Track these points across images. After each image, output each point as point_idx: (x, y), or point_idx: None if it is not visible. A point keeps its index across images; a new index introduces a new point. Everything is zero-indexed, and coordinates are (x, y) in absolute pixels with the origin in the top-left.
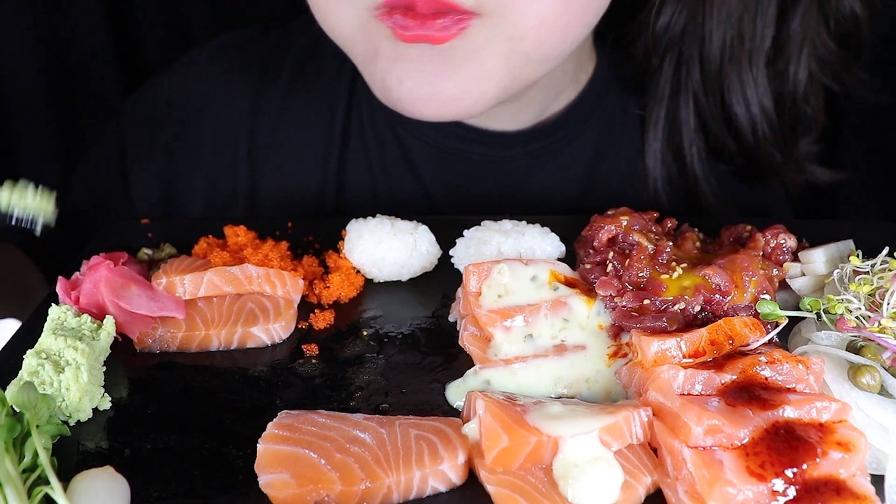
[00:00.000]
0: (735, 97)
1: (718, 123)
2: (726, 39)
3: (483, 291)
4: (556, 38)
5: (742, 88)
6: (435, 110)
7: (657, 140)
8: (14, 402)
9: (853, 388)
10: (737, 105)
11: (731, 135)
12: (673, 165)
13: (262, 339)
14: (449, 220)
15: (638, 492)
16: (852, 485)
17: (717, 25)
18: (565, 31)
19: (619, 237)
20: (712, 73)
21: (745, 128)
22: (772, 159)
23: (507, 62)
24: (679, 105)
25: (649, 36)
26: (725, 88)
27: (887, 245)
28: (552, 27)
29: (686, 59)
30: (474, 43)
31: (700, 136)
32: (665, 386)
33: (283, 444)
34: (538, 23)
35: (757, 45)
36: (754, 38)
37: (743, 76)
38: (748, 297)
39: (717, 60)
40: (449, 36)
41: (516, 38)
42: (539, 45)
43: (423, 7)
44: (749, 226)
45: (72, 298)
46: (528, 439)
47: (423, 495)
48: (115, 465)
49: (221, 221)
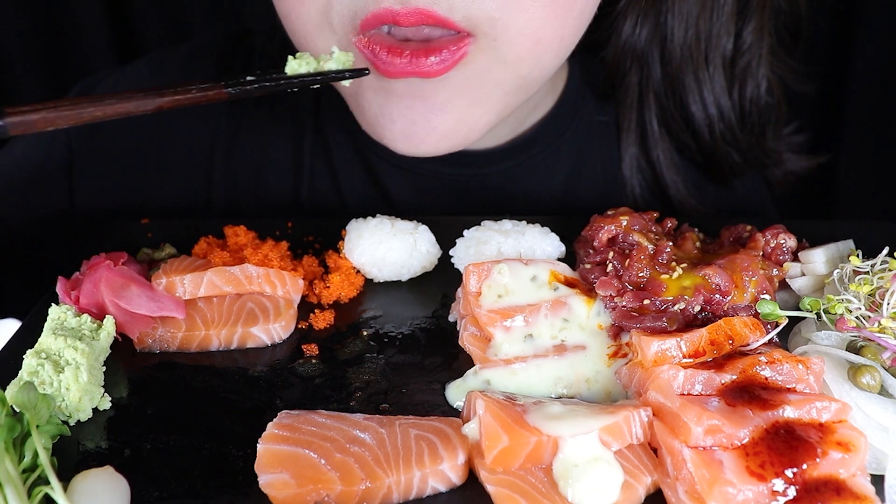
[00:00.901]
0: (692, 97)
1: (678, 123)
2: (686, 38)
3: (483, 291)
4: (552, 56)
5: (699, 88)
6: (432, 147)
7: (631, 146)
8: (14, 402)
9: (853, 388)
10: (693, 105)
11: (690, 135)
12: (648, 171)
13: (262, 339)
14: (449, 220)
15: (638, 492)
16: (852, 485)
17: (678, 25)
18: (560, 46)
19: (619, 237)
20: (672, 73)
21: (702, 127)
22: (729, 157)
23: (502, 87)
24: (644, 108)
25: (617, 42)
26: (683, 88)
27: (887, 245)
28: (549, 45)
29: (648, 61)
30: (470, 72)
31: (665, 139)
32: (665, 386)
33: (283, 444)
34: (534, 43)
35: (713, 45)
36: (710, 37)
37: (699, 75)
38: (748, 297)
39: (678, 61)
40: (447, 68)
41: (512, 63)
42: (535, 66)
43: (406, 22)
44: (749, 226)
45: (72, 298)
46: (528, 439)
47: (423, 495)
48: (115, 465)
49: (221, 221)
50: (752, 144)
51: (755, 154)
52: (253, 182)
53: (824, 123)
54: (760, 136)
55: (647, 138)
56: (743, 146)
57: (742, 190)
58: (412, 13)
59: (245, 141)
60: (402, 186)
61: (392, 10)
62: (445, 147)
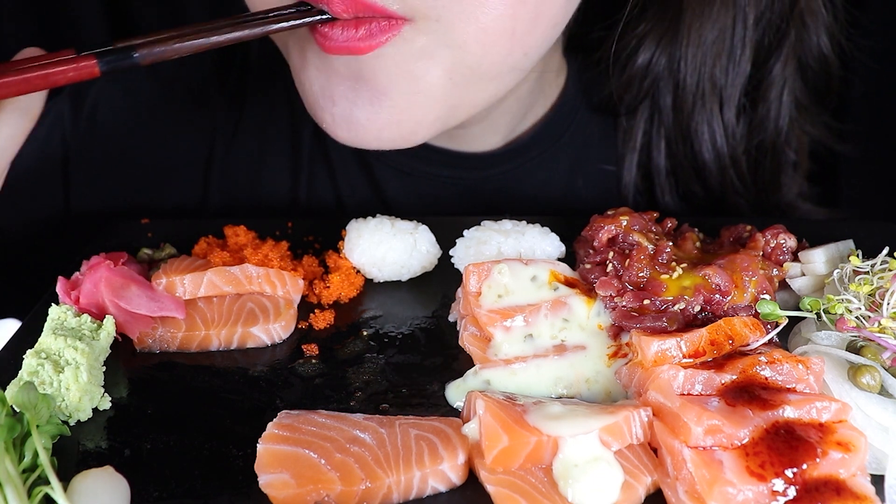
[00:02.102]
0: (704, 144)
1: (687, 170)
2: (700, 84)
3: (483, 291)
4: (502, 49)
5: (711, 135)
6: (373, 136)
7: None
8: (14, 402)
9: (853, 388)
10: (706, 152)
11: (699, 182)
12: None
13: (262, 339)
14: (449, 220)
15: (638, 492)
16: (852, 485)
17: (691, 71)
18: (511, 40)
19: (619, 237)
20: (684, 118)
21: (714, 174)
22: (737, 208)
23: (449, 78)
24: (652, 151)
25: (629, 70)
26: (695, 134)
27: (887, 245)
28: (497, 35)
29: (660, 105)
30: (409, 51)
31: (671, 181)
32: (665, 386)
33: (283, 444)
34: (478, 29)
35: (728, 92)
36: (726, 84)
37: (713, 123)
38: (748, 297)
39: (690, 106)
40: (375, 45)
41: (456, 48)
42: (483, 56)
43: (339, 8)
44: (749, 226)
45: (72, 298)
46: (528, 439)
47: (423, 495)
48: (115, 465)
49: (221, 221)
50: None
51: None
52: (250, 184)
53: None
54: (773, 187)
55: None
56: (752, 195)
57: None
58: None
59: (243, 142)
60: (399, 189)
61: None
62: (388, 138)
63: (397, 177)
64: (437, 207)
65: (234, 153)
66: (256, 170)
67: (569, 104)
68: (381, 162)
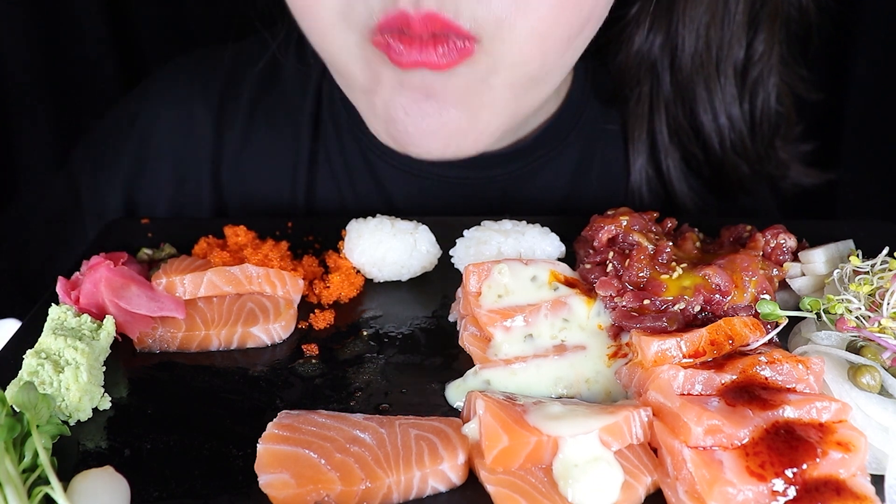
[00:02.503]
0: (703, 106)
1: (687, 133)
2: (697, 48)
3: (483, 291)
4: (559, 56)
5: (710, 98)
6: (442, 144)
7: (640, 156)
8: (14, 402)
9: (853, 388)
10: (704, 114)
11: (699, 145)
12: (656, 181)
13: (262, 339)
14: (449, 220)
15: (638, 492)
16: (852, 485)
17: (688, 34)
18: (567, 47)
19: (619, 237)
20: (682, 82)
21: (713, 138)
22: (737, 169)
23: (511, 89)
24: (654, 118)
25: (629, 51)
26: (693, 98)
27: (887, 245)
28: (556, 45)
29: (659, 71)
30: (478, 71)
31: (674, 148)
32: (665, 386)
33: (283, 444)
34: (539, 42)
35: (725, 54)
36: (722, 46)
37: (710, 85)
38: (748, 297)
39: (688, 70)
40: (451, 63)
41: (520, 64)
42: (542, 66)
43: (419, 28)
44: (749, 226)
45: (72, 298)
46: (528, 439)
47: (423, 495)
48: (115, 465)
49: (221, 221)
50: (762, 155)
51: (764, 165)
52: (253, 186)
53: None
54: (770, 146)
55: (656, 149)
56: (752, 157)
57: (750, 204)
58: (425, 18)
59: (245, 143)
60: (405, 190)
61: (406, 14)
62: (454, 148)
63: (403, 178)
64: (442, 208)
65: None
66: (259, 171)
67: (576, 101)
68: (386, 163)
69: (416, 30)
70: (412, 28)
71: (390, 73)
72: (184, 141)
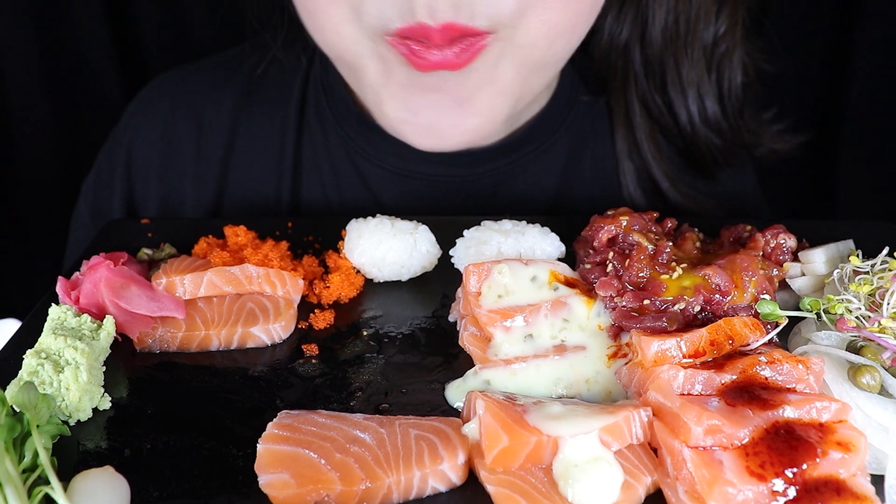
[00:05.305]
0: (672, 81)
1: (658, 107)
2: (667, 23)
3: (483, 291)
4: (564, 41)
5: (679, 72)
6: (455, 140)
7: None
8: (14, 402)
9: (853, 388)
10: (673, 89)
11: (671, 119)
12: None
13: (262, 339)
14: (449, 220)
15: (638, 492)
16: (852, 485)
17: (658, 10)
18: (572, 33)
19: (619, 237)
20: (653, 58)
21: (682, 111)
22: (709, 142)
23: (518, 72)
24: (628, 93)
25: (602, 37)
26: (664, 72)
27: (887, 245)
28: (562, 31)
29: (630, 48)
30: (491, 58)
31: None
32: (665, 386)
33: (283, 444)
34: (548, 29)
35: (693, 28)
36: (689, 20)
37: (679, 59)
38: (748, 297)
39: (658, 45)
40: (468, 60)
41: (527, 46)
42: (548, 50)
43: (439, 38)
44: (749, 226)
45: (72, 298)
46: (528, 439)
47: (423, 495)
48: (115, 465)
49: (221, 221)
50: (733, 126)
51: (736, 136)
52: (238, 193)
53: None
54: (739, 115)
55: (632, 124)
56: (724, 129)
57: (731, 185)
58: (443, 29)
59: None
60: (393, 190)
61: (425, 26)
62: (467, 140)
63: (391, 179)
64: (432, 206)
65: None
66: (245, 178)
67: (566, 92)
68: (373, 164)
69: (435, 40)
70: (431, 39)
71: (403, 72)
72: (167, 158)
